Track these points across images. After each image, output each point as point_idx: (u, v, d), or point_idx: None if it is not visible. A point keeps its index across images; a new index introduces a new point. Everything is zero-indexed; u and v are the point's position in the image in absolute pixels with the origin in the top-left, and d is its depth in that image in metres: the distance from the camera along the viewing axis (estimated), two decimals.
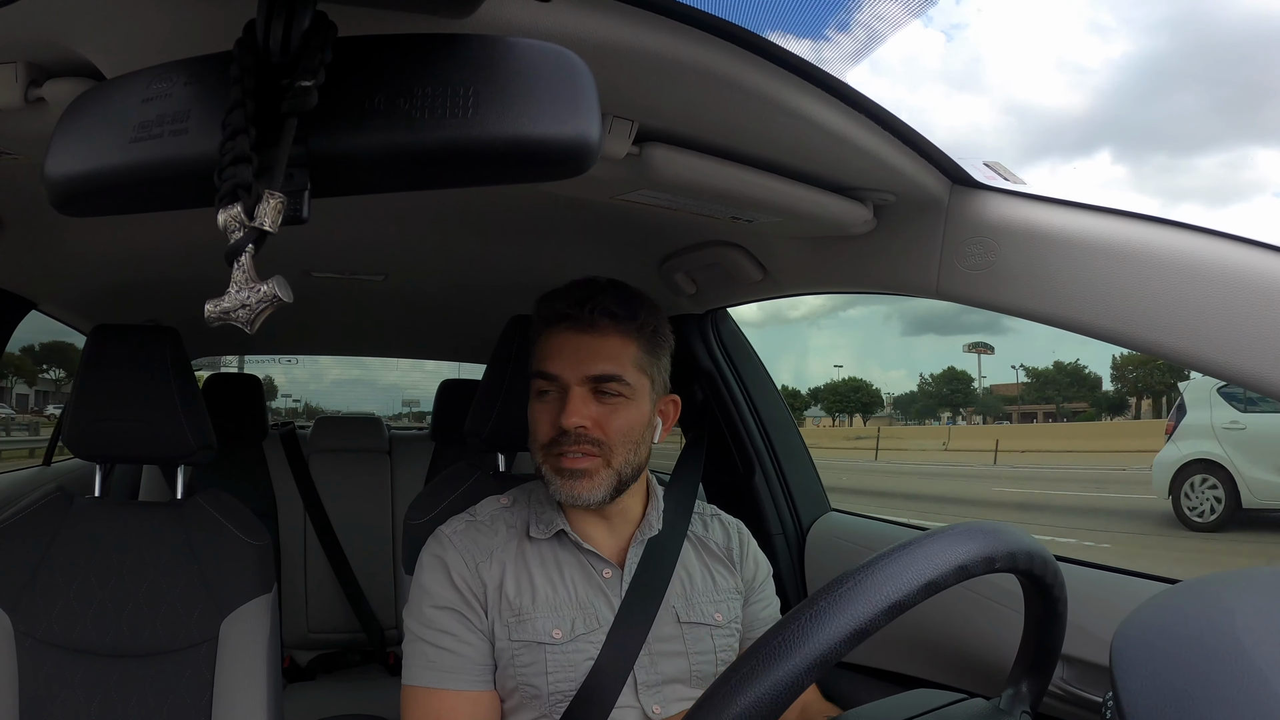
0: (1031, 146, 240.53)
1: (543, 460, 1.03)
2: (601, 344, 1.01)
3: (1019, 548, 0.64)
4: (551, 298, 1.05)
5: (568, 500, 1.02)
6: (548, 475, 1.03)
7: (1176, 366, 1.21)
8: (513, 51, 0.48)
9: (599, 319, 1.01)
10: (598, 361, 1.01)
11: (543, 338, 1.05)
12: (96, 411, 1.26)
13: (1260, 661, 0.48)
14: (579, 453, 1.00)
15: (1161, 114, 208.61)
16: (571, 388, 1.00)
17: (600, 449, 1.01)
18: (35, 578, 1.19)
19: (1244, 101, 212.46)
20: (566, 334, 1.02)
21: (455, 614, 1.01)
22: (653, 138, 0.88)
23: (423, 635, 1.01)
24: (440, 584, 1.02)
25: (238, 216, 0.45)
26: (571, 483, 1.00)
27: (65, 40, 0.65)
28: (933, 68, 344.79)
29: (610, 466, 1.01)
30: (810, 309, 78.34)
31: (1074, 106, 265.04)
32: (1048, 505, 11.37)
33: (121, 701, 1.18)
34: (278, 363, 8.85)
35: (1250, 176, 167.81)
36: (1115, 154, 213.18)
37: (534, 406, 1.05)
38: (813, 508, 1.76)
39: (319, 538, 2.38)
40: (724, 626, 1.10)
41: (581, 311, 1.01)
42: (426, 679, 1.00)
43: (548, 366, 1.02)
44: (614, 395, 1.02)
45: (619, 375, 1.01)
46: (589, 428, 1.00)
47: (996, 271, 1.02)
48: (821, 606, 0.56)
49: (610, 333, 1.02)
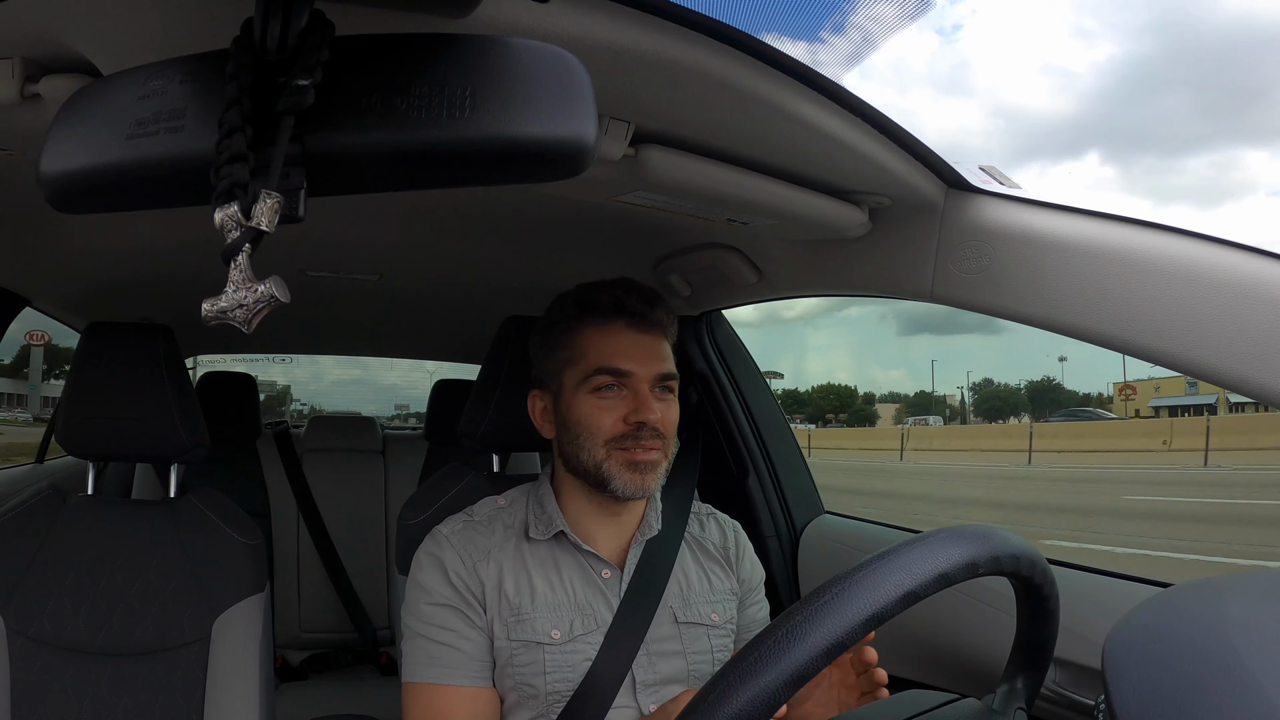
0: (1020, 149, 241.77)
1: (606, 456, 1.03)
2: (661, 345, 1.08)
3: (1003, 551, 0.64)
4: (603, 291, 1.07)
5: (634, 493, 1.03)
6: (611, 470, 1.02)
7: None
8: (510, 52, 0.48)
9: (660, 320, 1.07)
10: (664, 361, 1.07)
11: (595, 331, 1.06)
12: (90, 409, 1.26)
13: (1253, 666, 0.48)
14: (652, 447, 1.03)
15: (1148, 116, 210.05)
16: (641, 385, 1.04)
17: (664, 442, 1.05)
18: (27, 576, 1.18)
19: (1231, 103, 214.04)
20: (629, 332, 1.06)
21: (454, 610, 1.01)
22: (649, 139, 0.89)
23: (422, 632, 1.01)
24: (438, 582, 1.02)
25: (234, 215, 0.45)
26: (642, 476, 1.03)
27: (62, 36, 0.65)
28: (920, 71, 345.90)
29: (667, 458, 1.06)
30: (816, 308, 78.58)
31: (1061, 109, 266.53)
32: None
33: (113, 700, 1.17)
34: (275, 362, 8.82)
35: (1240, 177, 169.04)
36: (1104, 155, 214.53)
37: (590, 402, 1.04)
38: (806, 510, 1.76)
39: (312, 537, 2.38)
40: (720, 627, 1.10)
41: (650, 313, 1.06)
42: (428, 675, 0.99)
43: (619, 364, 1.04)
44: (669, 392, 1.07)
45: (676, 375, 1.09)
46: (660, 421, 1.04)
47: (991, 275, 1.02)
48: (797, 622, 0.55)
49: (662, 336, 1.09)
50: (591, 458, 1.03)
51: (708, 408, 1.78)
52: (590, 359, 1.04)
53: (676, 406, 1.08)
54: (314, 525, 2.38)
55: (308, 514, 2.39)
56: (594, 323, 1.06)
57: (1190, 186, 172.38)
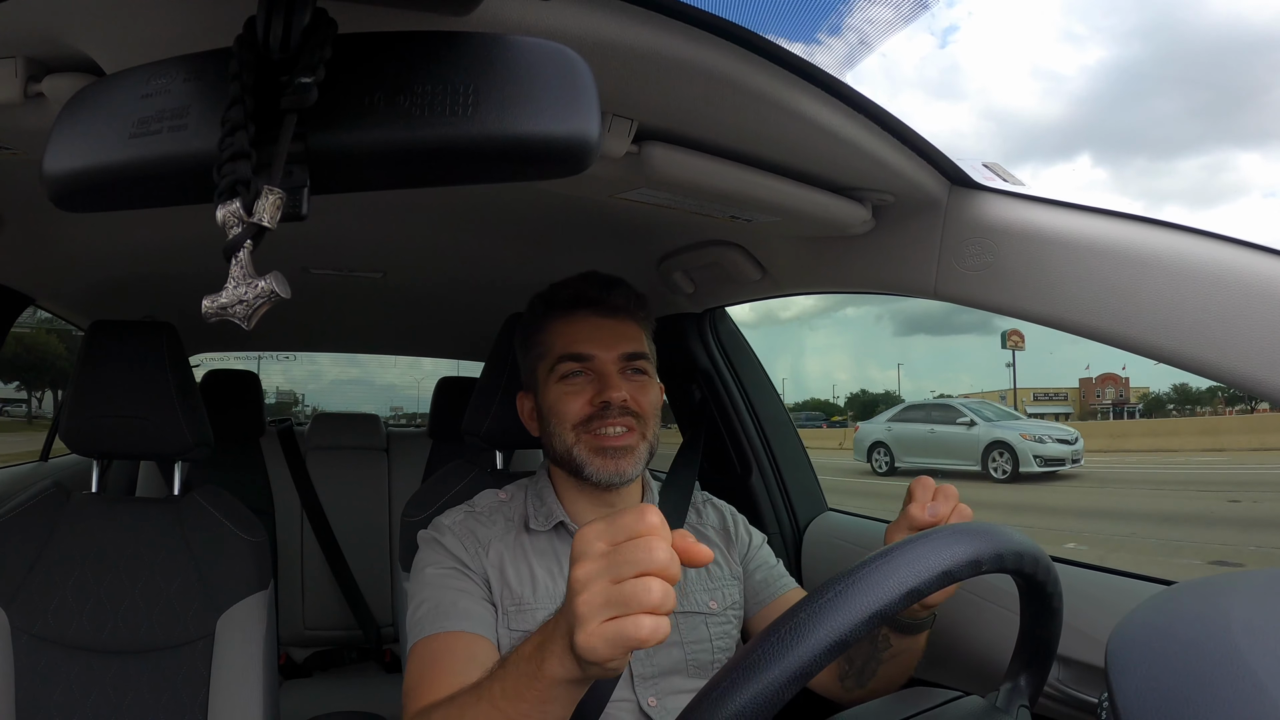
0: (1011, 151, 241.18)
1: (575, 441, 1.04)
2: (625, 327, 1.09)
3: (1006, 548, 0.64)
4: (564, 286, 1.10)
5: (609, 479, 1.03)
6: (583, 457, 1.03)
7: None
8: (513, 49, 0.48)
9: (622, 305, 1.09)
10: (627, 341, 1.08)
11: (560, 323, 1.08)
12: (94, 407, 1.26)
13: (1255, 664, 0.48)
14: (621, 426, 1.03)
15: (1140, 118, 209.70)
16: (606, 366, 1.05)
17: (638, 422, 1.05)
18: (31, 573, 1.19)
19: (1222, 105, 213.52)
20: (591, 318, 1.08)
21: (460, 572, 1.01)
22: (652, 136, 0.88)
23: (425, 595, 0.99)
24: (440, 554, 1.03)
25: (236, 212, 0.45)
26: (614, 460, 1.03)
27: (65, 36, 0.65)
28: (910, 75, 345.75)
29: (645, 440, 1.06)
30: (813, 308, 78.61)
31: (1052, 112, 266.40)
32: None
33: (117, 698, 1.18)
34: (275, 360, 8.84)
35: (1232, 179, 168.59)
36: (1095, 158, 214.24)
37: (557, 390, 1.06)
38: (809, 507, 1.76)
39: (316, 535, 2.38)
40: (719, 614, 1.11)
41: (608, 297, 1.08)
42: (430, 628, 0.96)
43: (580, 348, 1.06)
44: (641, 373, 1.08)
45: (645, 353, 1.09)
46: (628, 400, 1.04)
47: (995, 272, 1.02)
48: (801, 619, 0.55)
49: (628, 319, 1.09)
50: (562, 443, 1.05)
51: (711, 405, 1.78)
52: (555, 349, 1.07)
53: (653, 388, 1.09)
54: (318, 523, 2.39)
55: (311, 511, 2.39)
56: (558, 316, 1.09)
57: (1183, 188, 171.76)
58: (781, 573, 1.20)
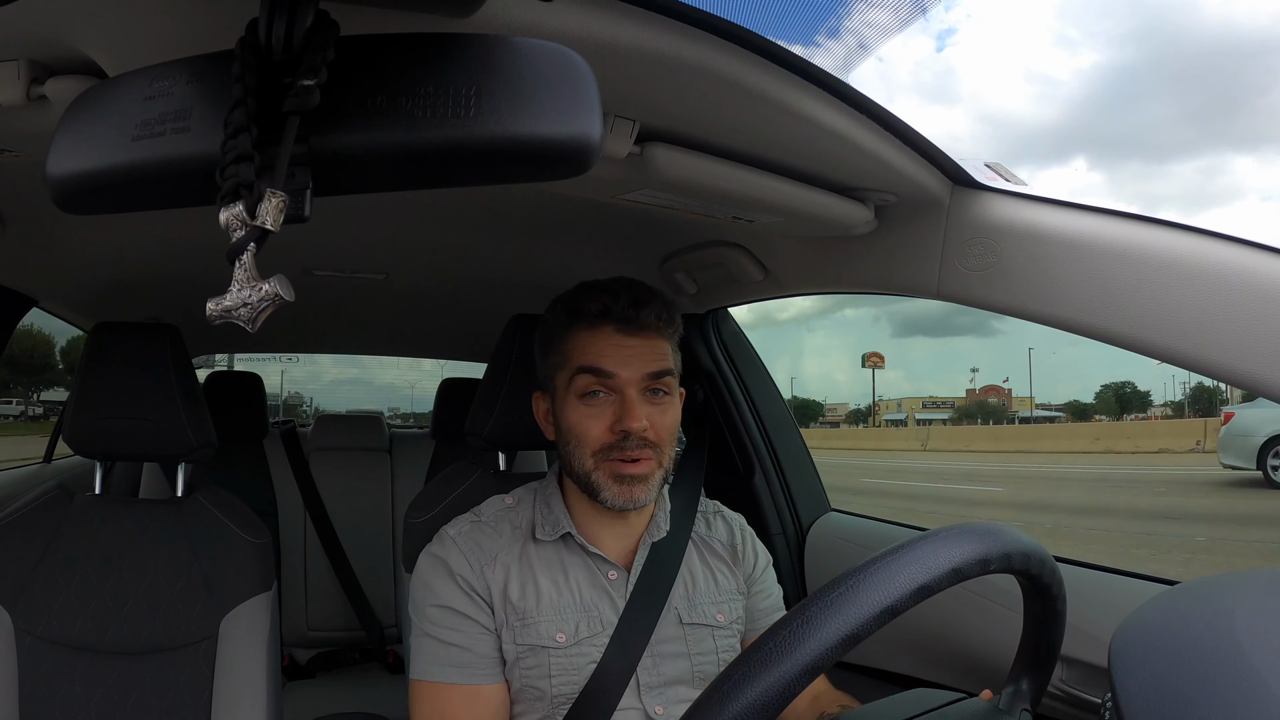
0: (1007, 154, 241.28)
1: (595, 467, 1.01)
2: (652, 345, 1.03)
3: (1014, 548, 0.64)
4: (592, 298, 1.04)
5: (623, 505, 1.01)
6: (600, 482, 1.01)
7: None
8: (515, 51, 0.48)
9: (650, 322, 1.03)
10: (653, 360, 1.03)
11: (582, 335, 1.03)
12: (97, 409, 1.26)
13: (1259, 663, 0.48)
14: (639, 457, 1.00)
15: (1134, 122, 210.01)
16: (627, 389, 1.01)
17: (655, 451, 1.02)
18: (35, 575, 1.19)
19: (1216, 109, 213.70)
20: (615, 334, 1.02)
21: (461, 613, 1.01)
22: (654, 137, 0.88)
23: (430, 632, 1.01)
24: (444, 583, 1.02)
25: (239, 215, 0.45)
26: (630, 488, 1.00)
27: (67, 38, 0.65)
28: (905, 80, 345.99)
29: (661, 467, 1.03)
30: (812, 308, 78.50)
31: (1046, 116, 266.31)
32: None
33: (121, 699, 1.18)
34: (277, 360, 8.85)
35: (1227, 182, 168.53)
36: (1090, 161, 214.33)
37: (579, 409, 1.03)
38: (813, 508, 1.76)
39: (319, 536, 2.38)
40: (726, 627, 1.10)
41: (637, 314, 1.02)
42: (435, 674, 0.99)
43: (602, 364, 1.01)
44: (664, 395, 1.04)
45: (670, 369, 1.04)
46: (648, 430, 1.00)
47: (997, 272, 1.02)
48: (812, 613, 0.55)
49: (656, 336, 1.04)
50: (581, 467, 1.03)
51: (714, 406, 1.78)
52: (574, 361, 1.03)
53: (674, 409, 1.05)
54: (321, 524, 2.39)
55: (314, 512, 2.40)
56: (582, 328, 1.04)
57: (1178, 192, 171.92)
58: (779, 603, 1.19)
